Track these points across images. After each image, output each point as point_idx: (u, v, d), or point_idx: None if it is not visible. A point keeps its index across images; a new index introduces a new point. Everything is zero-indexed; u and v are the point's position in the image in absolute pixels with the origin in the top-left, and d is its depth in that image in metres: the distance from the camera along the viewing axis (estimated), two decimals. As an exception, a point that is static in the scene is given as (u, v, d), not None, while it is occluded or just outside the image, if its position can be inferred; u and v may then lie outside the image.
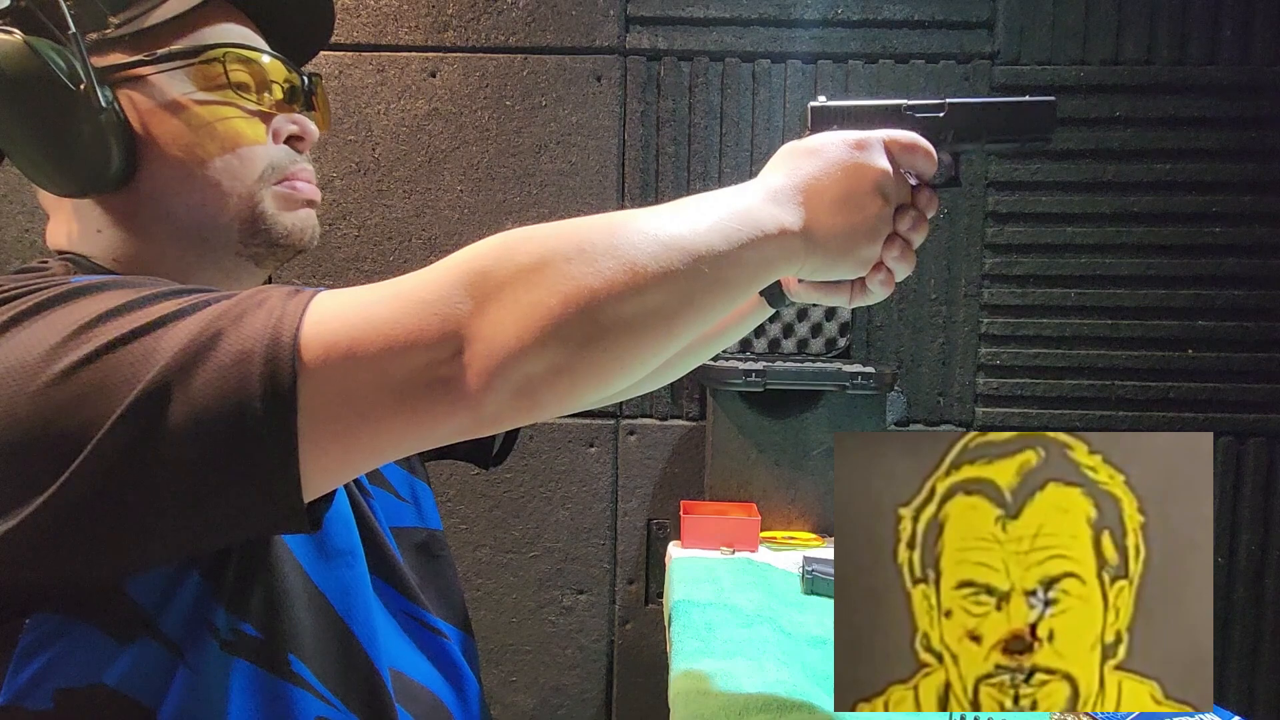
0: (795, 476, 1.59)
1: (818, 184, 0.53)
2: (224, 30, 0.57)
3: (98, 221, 0.56)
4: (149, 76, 0.54)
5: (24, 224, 1.81)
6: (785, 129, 1.79)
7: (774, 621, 1.13)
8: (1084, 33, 1.75)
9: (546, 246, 0.43)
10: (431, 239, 1.80)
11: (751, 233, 0.49)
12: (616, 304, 0.43)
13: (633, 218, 0.46)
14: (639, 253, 0.44)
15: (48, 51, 0.51)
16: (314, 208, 0.62)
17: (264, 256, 0.59)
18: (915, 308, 1.83)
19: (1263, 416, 1.79)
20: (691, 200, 0.50)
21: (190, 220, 0.56)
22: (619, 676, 1.88)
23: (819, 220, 0.53)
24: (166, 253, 0.57)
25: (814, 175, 0.53)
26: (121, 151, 0.53)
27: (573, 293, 0.42)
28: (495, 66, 1.78)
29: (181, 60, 0.54)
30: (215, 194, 0.56)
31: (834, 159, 0.54)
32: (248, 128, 0.57)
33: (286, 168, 0.59)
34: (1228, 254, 1.76)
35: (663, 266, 0.44)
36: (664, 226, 0.46)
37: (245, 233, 0.57)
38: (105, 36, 0.53)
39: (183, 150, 0.55)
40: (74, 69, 0.51)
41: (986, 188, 1.79)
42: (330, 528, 0.56)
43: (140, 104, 0.54)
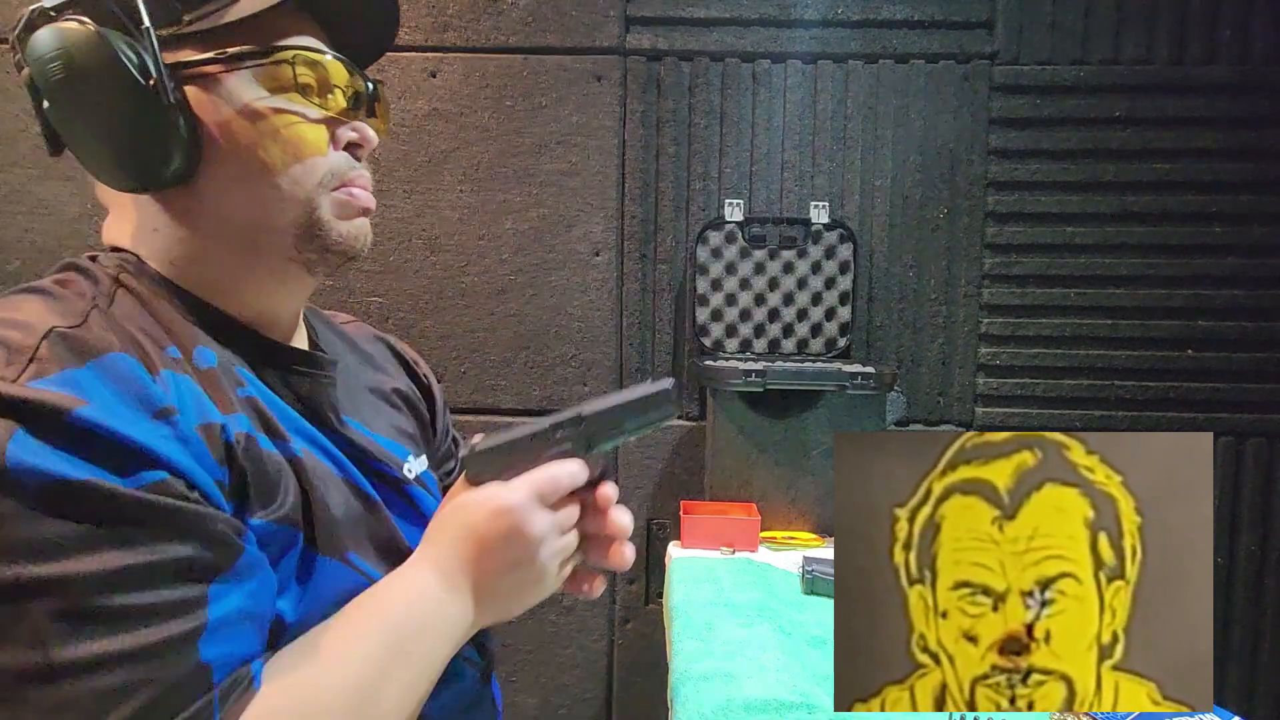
0: (795, 476, 1.59)
1: (479, 566, 0.57)
2: (292, 32, 0.57)
3: (155, 219, 0.56)
4: (217, 75, 0.53)
5: (25, 224, 1.81)
6: (785, 129, 1.80)
7: (774, 621, 1.13)
8: (1083, 33, 1.75)
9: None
10: (432, 239, 1.81)
11: (438, 645, 0.55)
12: None
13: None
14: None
15: (119, 44, 0.50)
16: (369, 215, 0.61)
17: (317, 263, 0.59)
18: (915, 308, 1.83)
19: (1263, 416, 1.79)
20: (373, 660, 0.52)
21: (246, 222, 0.56)
22: (619, 676, 1.88)
23: (488, 598, 0.58)
24: (221, 255, 0.57)
25: (476, 559, 0.57)
26: (185, 149, 0.52)
27: None
28: (496, 67, 1.78)
29: (252, 61, 0.54)
30: (274, 197, 0.56)
31: (488, 534, 0.57)
32: (312, 134, 0.56)
33: (345, 174, 0.59)
34: (1227, 254, 1.77)
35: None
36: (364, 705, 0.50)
37: (301, 238, 0.57)
38: (177, 32, 0.53)
39: (246, 152, 0.54)
40: (144, 63, 0.51)
41: (986, 188, 1.79)
42: None
43: (206, 102, 0.53)
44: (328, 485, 0.57)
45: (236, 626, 0.47)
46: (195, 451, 0.47)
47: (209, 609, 0.45)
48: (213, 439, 0.49)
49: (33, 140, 1.80)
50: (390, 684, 0.51)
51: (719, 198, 1.81)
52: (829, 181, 1.80)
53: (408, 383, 0.79)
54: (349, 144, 0.59)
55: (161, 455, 0.45)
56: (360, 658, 0.51)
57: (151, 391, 0.46)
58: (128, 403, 0.45)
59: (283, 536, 0.52)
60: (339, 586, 0.55)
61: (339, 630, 0.53)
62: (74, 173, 1.80)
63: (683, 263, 1.83)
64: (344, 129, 0.59)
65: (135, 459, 0.44)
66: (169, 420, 0.46)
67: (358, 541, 0.58)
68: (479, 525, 0.57)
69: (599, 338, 1.83)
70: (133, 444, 0.44)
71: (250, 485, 0.50)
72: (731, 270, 1.78)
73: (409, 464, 0.69)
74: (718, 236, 1.77)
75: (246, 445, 0.51)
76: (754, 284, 1.79)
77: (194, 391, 0.50)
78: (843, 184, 1.81)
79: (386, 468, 0.64)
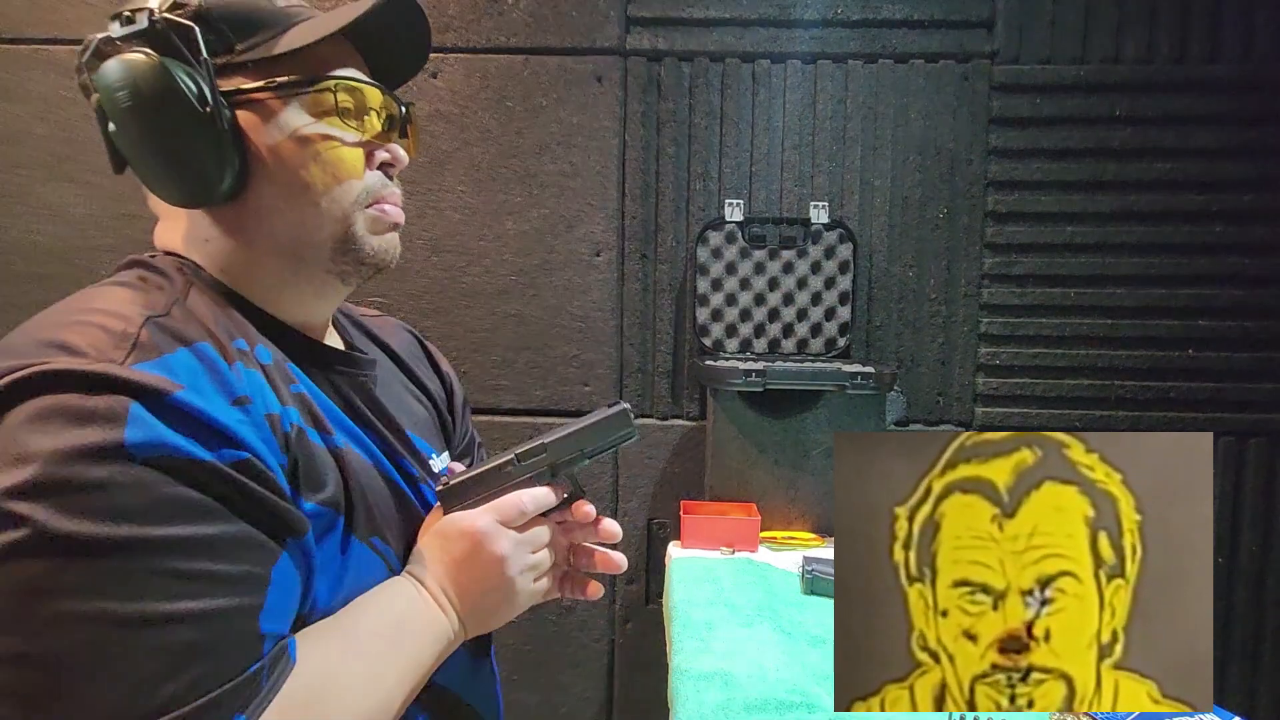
0: (795, 476, 1.59)
1: (456, 583, 0.63)
2: (334, 61, 0.61)
3: (206, 231, 0.60)
4: (266, 101, 0.58)
5: (30, 225, 1.81)
6: (785, 129, 1.80)
7: (774, 621, 1.13)
8: (1084, 31, 1.75)
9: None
10: (434, 239, 1.81)
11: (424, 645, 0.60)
12: None
13: None
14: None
15: (180, 74, 0.54)
16: (398, 230, 0.66)
17: (350, 275, 0.64)
18: (915, 308, 1.83)
19: (1263, 416, 1.78)
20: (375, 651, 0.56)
21: (290, 237, 0.60)
22: (619, 676, 1.88)
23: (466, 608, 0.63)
24: (266, 265, 0.61)
25: (452, 576, 0.63)
26: (234, 169, 0.57)
27: None
28: (496, 68, 1.78)
29: (298, 89, 0.58)
30: (315, 214, 0.60)
31: (457, 554, 0.63)
32: (350, 155, 0.61)
33: (379, 192, 0.63)
34: (1228, 253, 1.76)
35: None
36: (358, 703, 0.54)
37: (336, 251, 0.62)
38: (230, 61, 0.57)
39: (290, 173, 0.59)
40: (203, 92, 0.55)
41: (986, 187, 1.79)
42: None
43: (255, 126, 0.58)
44: (364, 476, 0.61)
45: (285, 606, 0.51)
46: (264, 437, 0.51)
47: (269, 589, 0.49)
48: (275, 427, 0.53)
49: (37, 143, 1.80)
50: (391, 670, 0.56)
51: (719, 198, 1.81)
52: (829, 181, 1.80)
53: (434, 379, 0.83)
54: (382, 164, 0.64)
55: (242, 438, 0.49)
56: (372, 644, 0.56)
57: (230, 379, 0.51)
58: (214, 387, 0.50)
59: (327, 519, 0.56)
60: (365, 569, 0.60)
61: (351, 618, 0.57)
62: (78, 176, 1.80)
63: (683, 263, 1.83)
64: (379, 150, 0.63)
65: (221, 439, 0.48)
66: (244, 408, 0.51)
67: (385, 529, 0.62)
68: (449, 546, 0.63)
69: (600, 338, 1.83)
70: (220, 425, 0.48)
71: (301, 472, 0.55)
72: (731, 270, 1.78)
73: (434, 460, 0.73)
74: (718, 236, 1.77)
75: (298, 436, 0.55)
76: (754, 284, 1.79)
77: (259, 383, 0.54)
78: (842, 184, 1.81)
79: (411, 465, 0.67)
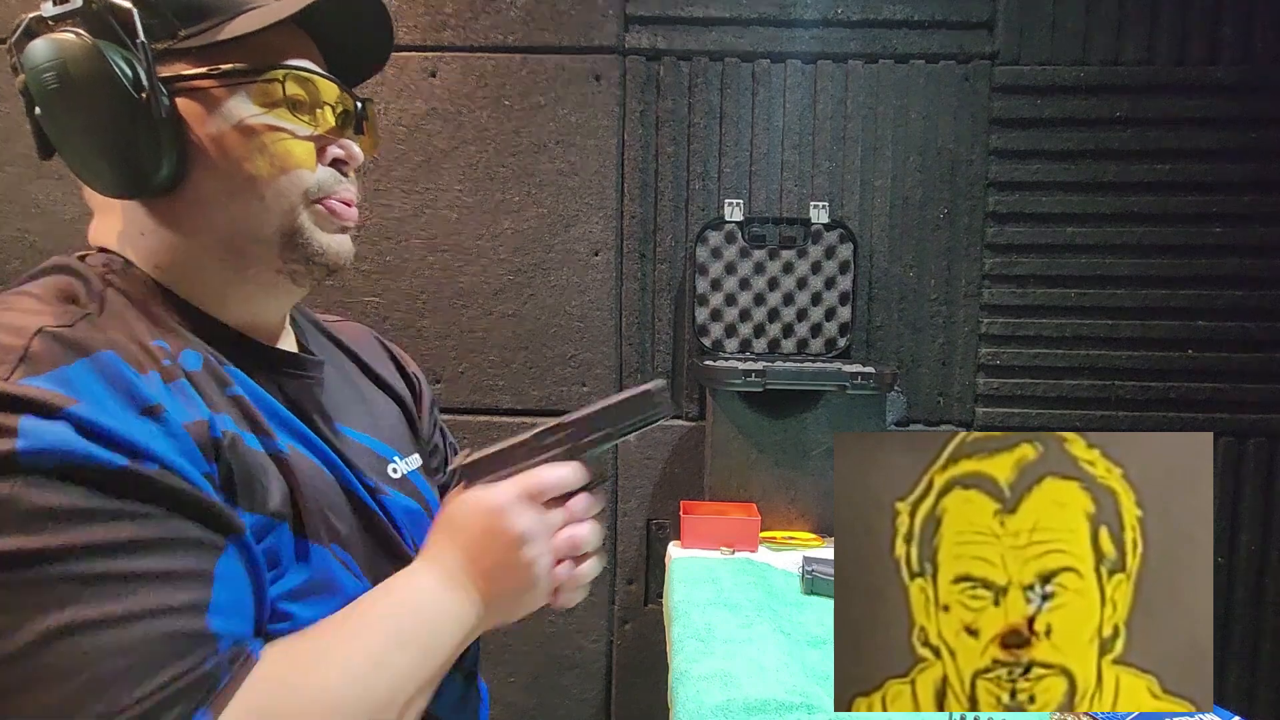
0: (795, 476, 1.59)
1: (475, 562, 0.58)
2: (286, 50, 0.58)
3: (141, 224, 0.57)
4: (210, 90, 0.55)
5: (19, 224, 1.81)
6: (785, 129, 1.79)
7: (774, 621, 1.13)
8: (1084, 33, 1.75)
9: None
10: (430, 239, 1.80)
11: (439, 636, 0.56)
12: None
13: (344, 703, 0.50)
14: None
15: (114, 57, 0.51)
16: (348, 232, 0.63)
17: (301, 275, 0.60)
18: (915, 308, 1.83)
19: (1263, 416, 1.78)
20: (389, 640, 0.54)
21: (231, 231, 0.57)
22: (618, 677, 1.88)
23: (487, 592, 0.59)
24: (206, 262, 0.58)
25: (471, 555, 0.58)
26: (172, 159, 0.54)
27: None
28: (494, 66, 1.78)
29: (243, 78, 0.55)
30: (259, 207, 0.57)
31: (476, 530, 0.59)
32: (299, 149, 0.58)
33: (331, 188, 0.60)
34: (1228, 254, 1.76)
35: None
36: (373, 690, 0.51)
37: (284, 248, 0.59)
38: (172, 47, 0.54)
39: (234, 164, 0.56)
40: (138, 77, 0.52)
41: (986, 188, 1.79)
42: None
43: (196, 115, 0.55)
44: (316, 480, 0.58)
45: (236, 607, 0.49)
46: (183, 447, 0.48)
47: (214, 586, 0.47)
48: (200, 435, 0.50)
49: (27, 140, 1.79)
50: (386, 670, 0.52)
51: (718, 198, 1.81)
52: (829, 181, 1.80)
53: (399, 381, 0.80)
54: (335, 160, 0.61)
55: (151, 449, 0.46)
56: (357, 641, 0.53)
57: (138, 389, 0.48)
58: (117, 399, 0.46)
59: (269, 528, 0.53)
60: (327, 574, 0.57)
61: (338, 620, 0.54)
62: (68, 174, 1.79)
63: (682, 263, 1.83)
64: (332, 146, 0.60)
65: (127, 452, 0.45)
66: (156, 417, 0.48)
67: (341, 532, 0.59)
68: (468, 522, 0.59)
69: (598, 338, 1.83)
70: (121, 438, 0.45)
71: (237, 481, 0.52)
72: (731, 270, 1.78)
73: (395, 463, 0.70)
74: (717, 236, 1.77)
75: (232, 443, 0.52)
76: (754, 284, 1.78)
77: (183, 389, 0.51)
78: (842, 184, 1.81)
79: (364, 475, 0.64)
